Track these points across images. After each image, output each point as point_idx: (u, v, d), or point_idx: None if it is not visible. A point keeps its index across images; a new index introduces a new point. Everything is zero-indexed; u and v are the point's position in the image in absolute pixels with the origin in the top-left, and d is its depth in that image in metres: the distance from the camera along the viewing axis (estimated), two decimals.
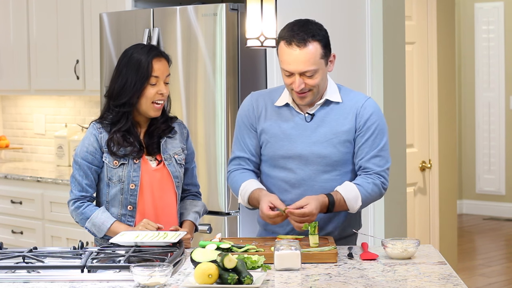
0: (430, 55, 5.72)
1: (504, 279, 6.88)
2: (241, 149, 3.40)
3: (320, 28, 3.22)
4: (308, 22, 3.22)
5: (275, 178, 3.34)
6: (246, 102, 3.42)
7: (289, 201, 3.28)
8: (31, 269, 2.85)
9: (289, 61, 3.17)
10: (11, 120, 6.86)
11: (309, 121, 3.29)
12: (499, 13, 9.56)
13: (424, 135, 5.72)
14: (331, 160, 3.27)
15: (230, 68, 4.35)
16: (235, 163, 3.42)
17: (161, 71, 3.32)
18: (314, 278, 2.75)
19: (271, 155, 3.34)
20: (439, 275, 2.78)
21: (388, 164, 3.31)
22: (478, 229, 9.11)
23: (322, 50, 3.19)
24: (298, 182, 3.30)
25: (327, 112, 3.29)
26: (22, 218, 5.74)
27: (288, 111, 3.32)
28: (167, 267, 2.65)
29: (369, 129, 3.27)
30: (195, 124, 4.44)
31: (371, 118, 3.28)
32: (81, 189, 3.34)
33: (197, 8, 4.42)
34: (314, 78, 3.19)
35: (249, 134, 3.38)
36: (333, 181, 3.29)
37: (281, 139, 3.30)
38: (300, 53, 3.15)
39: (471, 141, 9.83)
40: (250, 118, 3.38)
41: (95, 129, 3.35)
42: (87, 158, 3.33)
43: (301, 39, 3.15)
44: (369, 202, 3.29)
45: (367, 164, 3.27)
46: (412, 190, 5.60)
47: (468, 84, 9.80)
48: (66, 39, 5.87)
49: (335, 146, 3.27)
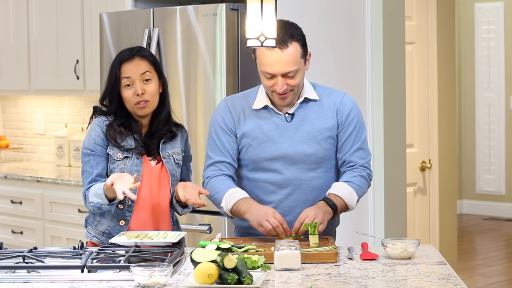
0: (430, 55, 5.72)
1: (504, 279, 6.88)
2: (221, 153, 3.35)
3: (297, 28, 3.25)
4: (285, 23, 3.25)
5: (258, 180, 3.33)
6: (222, 108, 3.39)
7: (276, 201, 3.31)
8: (31, 269, 2.85)
9: (271, 63, 3.18)
10: (11, 120, 6.85)
11: (290, 121, 3.30)
12: (499, 13, 9.56)
13: (424, 135, 5.72)
14: (316, 157, 3.29)
15: (230, 68, 4.35)
16: (214, 169, 3.36)
17: (132, 71, 3.34)
18: (314, 278, 2.75)
19: (253, 159, 3.32)
20: (439, 275, 2.78)
21: (370, 156, 3.38)
22: (478, 229, 9.11)
23: (301, 49, 3.22)
24: (285, 182, 3.30)
25: (306, 111, 3.31)
26: (22, 218, 5.74)
27: (267, 113, 3.32)
28: (167, 267, 2.65)
29: (350, 123, 3.32)
30: (195, 124, 4.44)
31: (352, 113, 3.33)
32: (92, 179, 3.34)
33: (197, 8, 4.42)
34: (295, 78, 3.22)
35: (228, 138, 3.36)
36: (319, 178, 3.31)
37: (264, 141, 3.30)
38: (282, 55, 3.17)
39: (471, 141, 9.83)
40: (229, 123, 3.36)
41: (100, 122, 3.39)
42: (96, 149, 3.35)
43: (281, 41, 3.17)
44: (362, 195, 3.34)
45: (351, 157, 3.31)
46: (412, 190, 5.60)
47: (468, 84, 9.80)
48: (66, 39, 5.86)
49: (319, 143, 3.29)
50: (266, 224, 3.12)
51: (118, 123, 3.36)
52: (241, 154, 3.37)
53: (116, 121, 3.37)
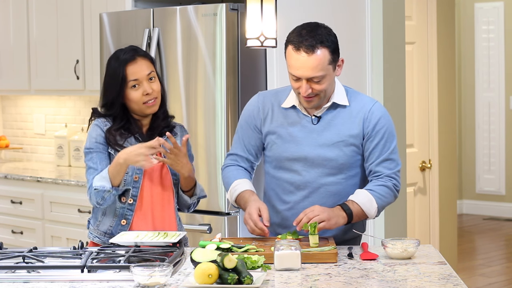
0: (430, 55, 5.72)
1: (504, 279, 6.88)
2: (241, 148, 3.41)
3: (329, 33, 3.19)
4: (318, 27, 3.19)
5: (280, 179, 3.34)
6: (253, 102, 3.41)
7: (293, 202, 3.31)
8: (31, 269, 2.85)
9: (297, 66, 3.15)
10: (11, 120, 6.86)
11: (316, 124, 3.28)
12: (499, 13, 9.56)
13: (424, 135, 5.72)
14: (337, 163, 3.27)
15: (230, 68, 4.35)
16: (232, 159, 3.44)
17: (138, 73, 3.34)
18: (314, 278, 2.75)
19: (276, 157, 3.33)
20: (439, 275, 2.78)
21: (399, 166, 3.31)
22: (478, 229, 9.11)
23: (330, 56, 3.16)
24: (303, 184, 3.30)
25: (334, 115, 3.28)
26: (22, 218, 5.74)
27: (294, 113, 3.31)
28: (167, 267, 2.65)
29: (378, 133, 3.26)
30: (195, 124, 4.44)
31: (380, 122, 3.27)
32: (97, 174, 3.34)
33: (197, 8, 4.42)
34: (321, 84, 3.18)
35: (251, 134, 3.38)
36: (338, 184, 3.29)
37: (288, 141, 3.30)
38: (308, 59, 3.13)
39: (471, 141, 9.83)
40: (255, 119, 3.37)
41: (99, 122, 3.39)
42: (98, 147, 3.35)
43: (309, 45, 3.13)
44: (384, 205, 3.28)
45: (377, 168, 3.27)
46: (412, 190, 5.60)
47: (468, 84, 9.80)
48: (66, 39, 5.86)
49: (341, 149, 3.26)
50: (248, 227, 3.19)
51: (117, 127, 3.35)
52: (266, 150, 3.39)
53: (115, 125, 3.36)
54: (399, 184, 3.32)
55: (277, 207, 3.34)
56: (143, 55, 3.39)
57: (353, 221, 3.22)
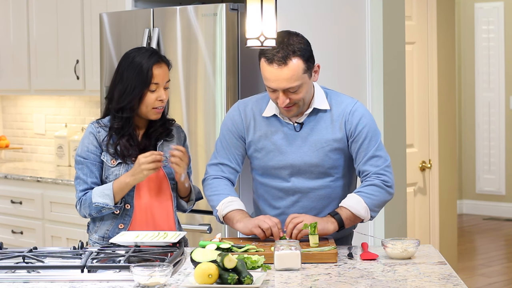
0: (430, 55, 5.72)
1: (504, 279, 6.88)
2: (227, 158, 3.36)
3: (301, 41, 3.16)
4: (289, 36, 3.16)
5: (268, 185, 3.34)
6: (234, 111, 3.37)
7: (283, 208, 3.32)
8: (31, 269, 2.85)
9: (271, 79, 3.13)
10: (11, 120, 6.86)
11: (299, 131, 3.27)
12: (499, 13, 9.56)
13: (424, 135, 5.72)
14: (324, 168, 3.27)
15: (230, 68, 4.35)
16: (216, 169, 3.38)
17: (161, 77, 3.32)
18: (314, 278, 2.75)
19: (262, 166, 3.32)
20: (439, 275, 2.78)
21: (387, 162, 3.28)
22: (478, 229, 9.11)
23: (304, 64, 3.14)
24: (292, 190, 3.30)
25: (316, 121, 3.27)
26: (22, 218, 5.74)
27: (276, 121, 3.29)
28: (167, 267, 2.65)
29: (361, 133, 3.25)
30: (195, 124, 4.44)
31: (361, 122, 3.25)
32: (87, 187, 3.34)
33: (197, 8, 4.42)
34: (298, 93, 3.15)
35: (236, 143, 3.35)
36: (327, 186, 3.29)
37: (271, 150, 3.28)
38: (281, 71, 3.11)
39: (471, 141, 9.83)
40: (239, 129, 3.34)
41: (93, 129, 3.37)
42: (89, 157, 3.34)
43: (281, 57, 3.10)
44: (377, 203, 3.25)
45: (364, 167, 3.26)
46: (412, 190, 5.60)
47: (468, 84, 9.80)
48: (66, 39, 5.87)
49: (326, 154, 3.25)
50: (263, 223, 3.13)
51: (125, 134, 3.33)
52: (251, 159, 3.37)
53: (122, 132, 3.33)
54: (390, 178, 3.27)
55: (267, 213, 3.34)
56: (167, 62, 3.38)
57: (346, 225, 3.21)
